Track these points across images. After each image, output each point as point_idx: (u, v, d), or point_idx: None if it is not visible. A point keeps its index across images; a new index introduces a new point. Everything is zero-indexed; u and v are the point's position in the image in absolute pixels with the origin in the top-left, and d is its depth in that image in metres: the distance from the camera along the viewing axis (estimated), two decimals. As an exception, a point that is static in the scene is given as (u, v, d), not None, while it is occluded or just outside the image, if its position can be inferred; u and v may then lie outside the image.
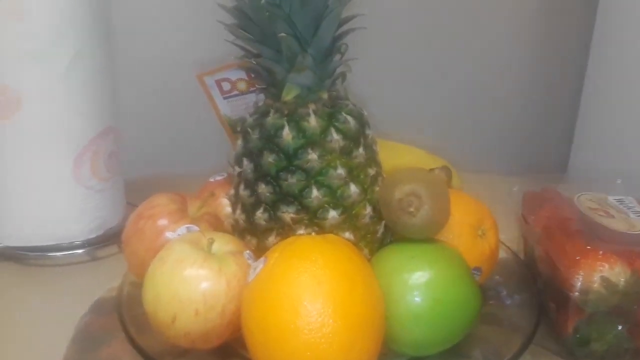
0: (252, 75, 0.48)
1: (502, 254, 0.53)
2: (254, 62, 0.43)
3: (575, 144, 0.84)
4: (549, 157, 0.89)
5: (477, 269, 0.47)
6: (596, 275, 0.41)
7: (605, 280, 0.41)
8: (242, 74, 0.50)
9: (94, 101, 0.57)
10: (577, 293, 0.42)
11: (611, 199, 0.51)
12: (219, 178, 0.56)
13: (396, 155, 0.54)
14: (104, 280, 0.54)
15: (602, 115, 0.78)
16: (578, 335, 0.44)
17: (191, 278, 0.39)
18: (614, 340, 0.43)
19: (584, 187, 0.55)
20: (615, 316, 0.43)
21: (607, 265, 0.41)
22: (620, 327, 0.43)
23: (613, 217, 0.47)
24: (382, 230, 0.46)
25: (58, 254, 0.59)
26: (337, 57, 0.43)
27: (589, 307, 0.42)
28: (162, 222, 0.46)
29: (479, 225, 0.47)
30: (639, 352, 0.44)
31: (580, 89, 0.81)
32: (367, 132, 0.45)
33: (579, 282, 0.41)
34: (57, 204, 0.58)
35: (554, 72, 0.85)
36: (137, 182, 0.68)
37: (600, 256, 0.41)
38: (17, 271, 0.58)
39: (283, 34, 0.39)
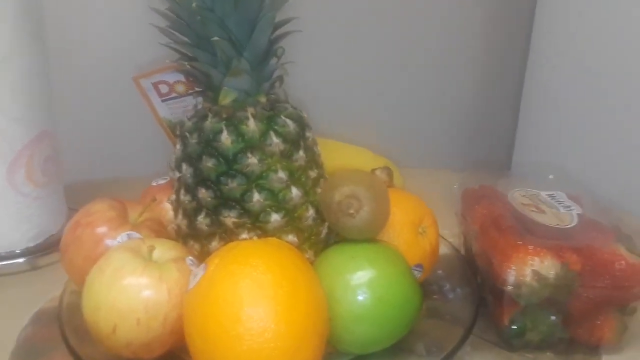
0: (190, 79, 0.48)
1: (445, 249, 0.54)
2: (189, 66, 0.42)
3: (517, 140, 0.87)
4: (494, 154, 0.92)
5: (419, 265, 0.48)
6: (527, 269, 0.43)
7: (536, 274, 0.43)
8: (180, 77, 0.49)
9: (26, 105, 0.55)
10: (510, 287, 0.43)
11: (543, 194, 0.53)
12: (161, 182, 0.55)
13: (339, 155, 0.55)
14: (45, 290, 0.53)
15: (542, 113, 0.80)
16: (514, 327, 0.45)
17: (131, 287, 0.38)
18: (548, 330, 0.45)
19: (519, 183, 0.57)
20: (548, 307, 0.45)
21: (537, 259, 0.43)
22: (553, 318, 0.45)
23: (544, 212, 0.50)
24: (325, 232, 0.46)
25: (-4, 263, 0.57)
26: (274, 60, 0.43)
27: (522, 299, 0.44)
28: (101, 229, 0.45)
29: (420, 223, 0.49)
30: (572, 340, 0.46)
31: (522, 85, 0.83)
32: (307, 134, 0.46)
33: (511, 276, 0.43)
34: (-8, 212, 0.56)
35: (496, 69, 0.87)
36: (79, 187, 0.66)
37: (530, 250, 0.43)
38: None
39: (216, 38, 0.39)
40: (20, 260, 0.58)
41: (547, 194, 0.53)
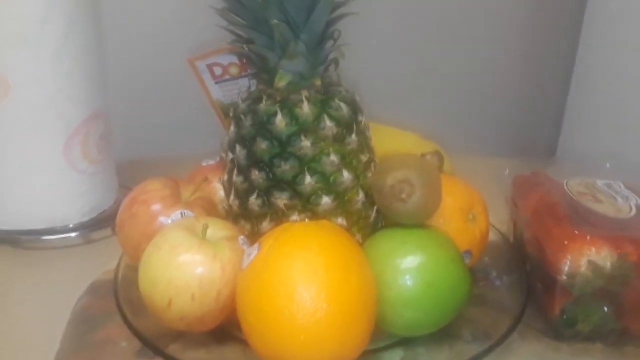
0: (244, 61, 0.48)
1: (492, 236, 0.54)
2: (246, 48, 0.42)
3: (564, 127, 0.85)
4: (539, 139, 0.90)
5: (468, 252, 0.48)
6: (583, 259, 0.42)
7: (592, 264, 0.42)
8: (234, 59, 0.49)
9: (83, 84, 0.57)
10: (564, 276, 0.43)
11: (600, 183, 0.52)
12: (211, 162, 0.56)
13: (388, 140, 0.55)
14: (98, 263, 0.55)
15: (592, 99, 0.78)
16: (565, 317, 0.45)
17: (187, 264, 0.39)
18: (600, 321, 0.44)
19: (574, 170, 0.55)
20: (601, 298, 0.44)
21: (594, 250, 0.42)
22: (605, 309, 0.44)
23: (601, 201, 0.48)
24: (374, 216, 0.46)
25: (52, 237, 0.59)
26: (330, 43, 0.43)
27: (576, 289, 0.43)
28: (156, 207, 0.46)
29: (470, 210, 0.48)
30: (623, 332, 0.45)
31: (571, 70, 0.81)
32: (360, 118, 0.45)
33: (566, 266, 0.42)
34: (49, 187, 0.58)
35: (544, 54, 0.85)
36: (130, 165, 0.68)
37: (587, 241, 0.42)
38: (11, 255, 0.59)
39: (276, 21, 0.39)
40: (74, 234, 0.60)
41: (604, 183, 0.52)
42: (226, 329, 0.43)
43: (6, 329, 0.48)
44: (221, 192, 0.50)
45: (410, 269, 0.41)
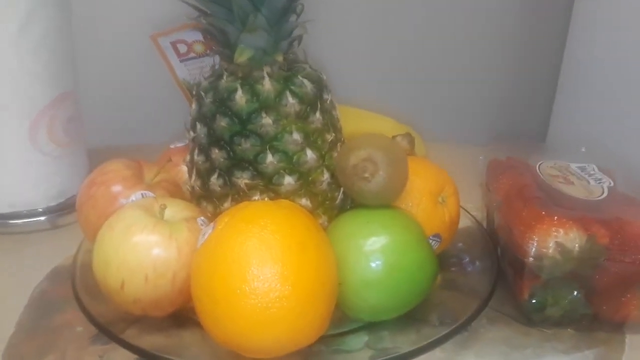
0: (207, 37, 0.47)
1: (467, 222, 0.53)
2: (206, 22, 0.41)
3: (553, 118, 0.84)
4: (529, 128, 0.89)
5: (437, 235, 0.47)
6: (551, 241, 0.41)
7: (560, 246, 0.41)
8: (199, 36, 0.48)
9: (49, 64, 0.55)
10: (531, 258, 0.42)
11: (573, 166, 0.51)
12: (179, 145, 0.55)
13: (360, 122, 0.53)
14: (63, 248, 0.53)
15: (581, 86, 0.77)
16: (534, 301, 0.44)
17: (140, 244, 0.38)
18: (570, 306, 0.43)
19: (549, 155, 0.54)
20: (571, 282, 0.43)
21: (562, 231, 0.41)
22: (576, 293, 0.43)
23: (572, 183, 0.47)
24: (341, 197, 0.45)
25: (18, 221, 0.58)
26: (293, 17, 0.42)
27: (544, 272, 0.42)
28: (116, 188, 0.45)
29: (439, 192, 0.47)
30: (595, 317, 0.44)
31: (560, 60, 0.80)
32: (325, 96, 0.44)
33: (533, 248, 0.41)
34: (14, 170, 0.57)
35: (533, 41, 0.83)
36: (104, 151, 0.67)
37: (555, 222, 0.41)
38: (-24, 239, 0.57)
39: (233, -9, 0.38)
40: (41, 218, 0.59)
41: (578, 166, 0.51)
42: (185, 313, 0.42)
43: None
44: (186, 175, 0.48)
45: (373, 250, 0.40)
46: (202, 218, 0.42)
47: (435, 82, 0.82)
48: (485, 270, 0.49)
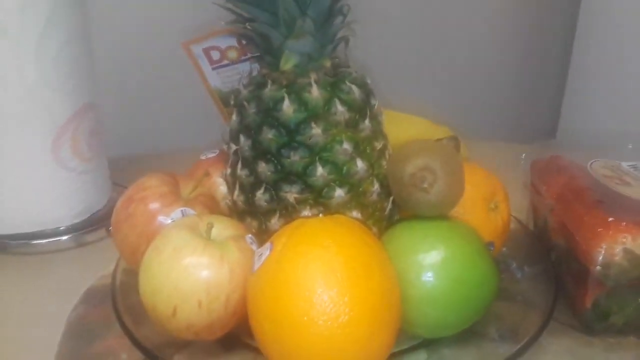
0: (244, 43, 0.44)
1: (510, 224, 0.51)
2: (247, 28, 0.39)
3: (564, 109, 0.83)
4: (538, 122, 0.88)
5: (491, 243, 0.44)
6: (618, 248, 0.39)
7: (628, 253, 0.39)
8: (233, 41, 0.45)
9: (70, 76, 0.53)
10: (598, 267, 0.40)
11: (625, 165, 0.49)
12: (211, 155, 0.52)
13: (399, 126, 0.51)
14: (93, 267, 0.51)
15: (591, 80, 0.76)
16: (597, 310, 0.42)
17: (192, 267, 0.36)
18: (635, 313, 0.42)
19: (594, 153, 0.52)
20: (637, 288, 0.41)
21: (629, 237, 0.39)
22: (640, 299, 0.41)
23: (629, 184, 0.45)
24: (390, 207, 0.43)
25: (43, 241, 0.56)
26: (339, 19, 0.40)
27: (610, 280, 0.40)
28: (154, 205, 0.42)
29: (492, 198, 0.45)
30: (658, 324, 0.42)
31: (570, 53, 0.79)
32: (373, 102, 0.42)
33: (600, 256, 0.39)
34: (38, 188, 0.54)
35: (543, 35, 0.82)
36: (123, 161, 0.65)
37: (622, 227, 0.39)
38: (0, 261, 0.55)
39: (280, -5, 0.35)
40: (66, 237, 0.57)
41: (629, 165, 0.48)
42: (236, 336, 0.40)
43: (-4, 343, 0.45)
44: (223, 188, 0.46)
45: (433, 264, 0.38)
46: (250, 236, 0.40)
47: (449, 79, 0.81)
48: (536, 277, 0.47)
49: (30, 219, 0.55)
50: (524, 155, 0.54)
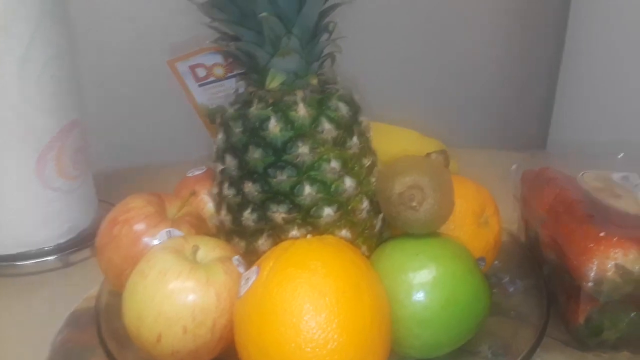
0: (230, 60, 0.44)
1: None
2: (233, 46, 0.38)
3: (554, 118, 0.83)
4: (528, 131, 0.88)
5: (482, 259, 0.44)
6: (610, 263, 0.39)
7: (620, 268, 0.39)
8: (219, 59, 0.45)
9: (54, 95, 0.52)
10: (590, 283, 0.39)
11: (615, 176, 0.48)
12: (197, 173, 0.51)
13: (388, 139, 0.51)
14: (79, 288, 0.50)
15: (581, 89, 0.76)
16: (590, 325, 0.41)
17: (177, 292, 0.35)
18: (627, 329, 0.41)
19: (584, 163, 0.52)
20: (629, 304, 0.40)
21: (621, 252, 0.39)
22: (633, 315, 0.41)
23: (620, 196, 0.45)
24: (379, 225, 0.42)
25: (27, 262, 0.55)
26: (325, 36, 0.39)
27: (603, 296, 0.40)
28: (139, 226, 0.42)
29: (482, 213, 0.45)
30: (651, 338, 0.42)
31: (559, 62, 0.79)
32: (361, 118, 0.42)
33: (592, 272, 0.39)
34: (23, 208, 0.53)
35: (532, 44, 0.83)
36: (109, 177, 0.64)
37: (614, 242, 0.39)
38: (-17, 283, 0.54)
39: (264, 14, 0.35)
40: (52, 257, 0.55)
41: (621, 176, 0.48)
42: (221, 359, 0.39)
43: (-22, 369, 0.43)
44: (210, 205, 0.45)
45: (424, 284, 0.37)
46: (237, 257, 0.39)
47: (436, 86, 0.81)
48: (529, 290, 0.46)
49: (15, 240, 0.54)
50: (514, 166, 0.54)
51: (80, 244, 0.56)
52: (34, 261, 0.54)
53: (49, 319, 0.47)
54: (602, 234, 0.39)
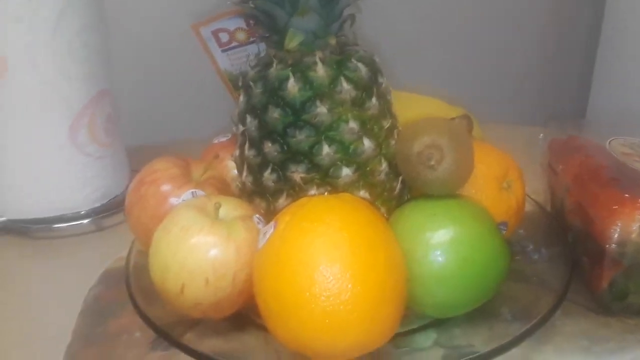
0: (252, 23, 0.44)
1: (527, 206, 0.49)
2: (253, 7, 0.39)
3: (593, 88, 0.80)
4: (567, 104, 0.85)
5: (503, 223, 0.44)
6: (634, 225, 0.38)
7: (644, 231, 0.38)
8: (241, 23, 0.45)
9: (85, 62, 0.54)
10: (613, 245, 0.39)
11: (646, 142, 0.47)
12: (223, 139, 0.53)
13: (411, 107, 0.50)
14: (111, 250, 0.52)
15: (620, 59, 0.73)
16: (614, 289, 0.41)
17: (199, 246, 0.36)
18: (653, 293, 0.40)
19: (613, 131, 0.51)
20: (654, 267, 0.40)
21: (646, 214, 0.38)
22: (659, 279, 0.40)
23: (650, 161, 0.44)
24: (399, 187, 0.42)
25: (63, 225, 0.57)
26: (345, -4, 0.39)
27: (627, 259, 0.39)
28: (165, 187, 0.43)
29: (504, 177, 0.44)
30: (678, 302, 0.41)
31: (599, 31, 0.76)
32: (380, 80, 0.42)
33: (615, 234, 0.38)
34: (57, 173, 0.56)
35: (571, 13, 0.80)
36: (141, 149, 0.65)
37: (639, 204, 0.38)
38: (22, 245, 0.57)
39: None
40: (86, 221, 0.58)
41: (651, 142, 0.47)
42: (245, 314, 0.40)
43: (17, 321, 0.46)
44: (234, 171, 0.46)
45: (442, 243, 0.37)
46: (258, 216, 0.40)
47: (473, 61, 0.79)
48: (553, 258, 0.46)
49: (51, 204, 0.56)
50: (541, 135, 0.53)
51: (113, 209, 0.59)
52: (69, 224, 0.57)
53: (83, 278, 0.50)
54: (626, 196, 0.38)
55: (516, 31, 0.79)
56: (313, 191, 0.39)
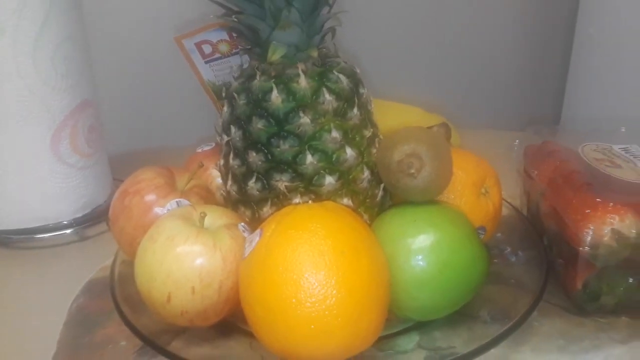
0: (235, 36, 0.45)
1: (504, 210, 0.51)
2: (236, 20, 0.39)
3: (567, 95, 0.82)
4: (541, 110, 0.87)
5: (482, 228, 0.45)
6: (606, 229, 0.40)
7: (616, 233, 0.39)
8: (224, 35, 0.46)
9: (67, 72, 0.54)
10: (587, 248, 0.40)
11: (616, 148, 0.49)
12: (206, 148, 0.53)
13: (391, 115, 0.52)
14: (94, 260, 0.53)
15: (593, 67, 0.76)
16: (588, 290, 0.42)
17: (185, 255, 0.37)
18: (625, 294, 0.42)
19: (587, 137, 0.53)
20: (626, 269, 0.41)
21: (617, 217, 0.39)
22: (631, 280, 0.42)
23: (620, 166, 0.46)
24: (381, 194, 0.44)
25: (45, 235, 0.57)
26: (325, 10, 0.40)
27: (599, 261, 0.41)
28: (150, 197, 0.43)
29: (482, 183, 0.46)
30: (649, 303, 0.43)
31: (572, 38, 0.78)
32: (361, 90, 0.43)
33: (588, 237, 0.40)
34: (39, 183, 0.55)
35: (545, 24, 0.82)
36: (123, 158, 0.66)
37: (610, 208, 0.40)
38: (3, 255, 0.56)
39: (265, -14, 0.36)
40: (68, 231, 0.58)
41: (621, 148, 0.49)
42: (231, 322, 0.41)
43: (0, 332, 0.46)
44: (218, 179, 0.47)
45: (423, 248, 0.38)
46: (243, 224, 0.41)
47: (448, 67, 0.81)
48: (530, 261, 0.47)
49: (32, 214, 0.56)
50: (517, 141, 0.55)
51: (95, 219, 0.59)
52: (52, 234, 0.57)
53: (65, 288, 0.50)
54: (598, 200, 0.40)
55: (493, 39, 0.81)
56: (297, 199, 0.40)
